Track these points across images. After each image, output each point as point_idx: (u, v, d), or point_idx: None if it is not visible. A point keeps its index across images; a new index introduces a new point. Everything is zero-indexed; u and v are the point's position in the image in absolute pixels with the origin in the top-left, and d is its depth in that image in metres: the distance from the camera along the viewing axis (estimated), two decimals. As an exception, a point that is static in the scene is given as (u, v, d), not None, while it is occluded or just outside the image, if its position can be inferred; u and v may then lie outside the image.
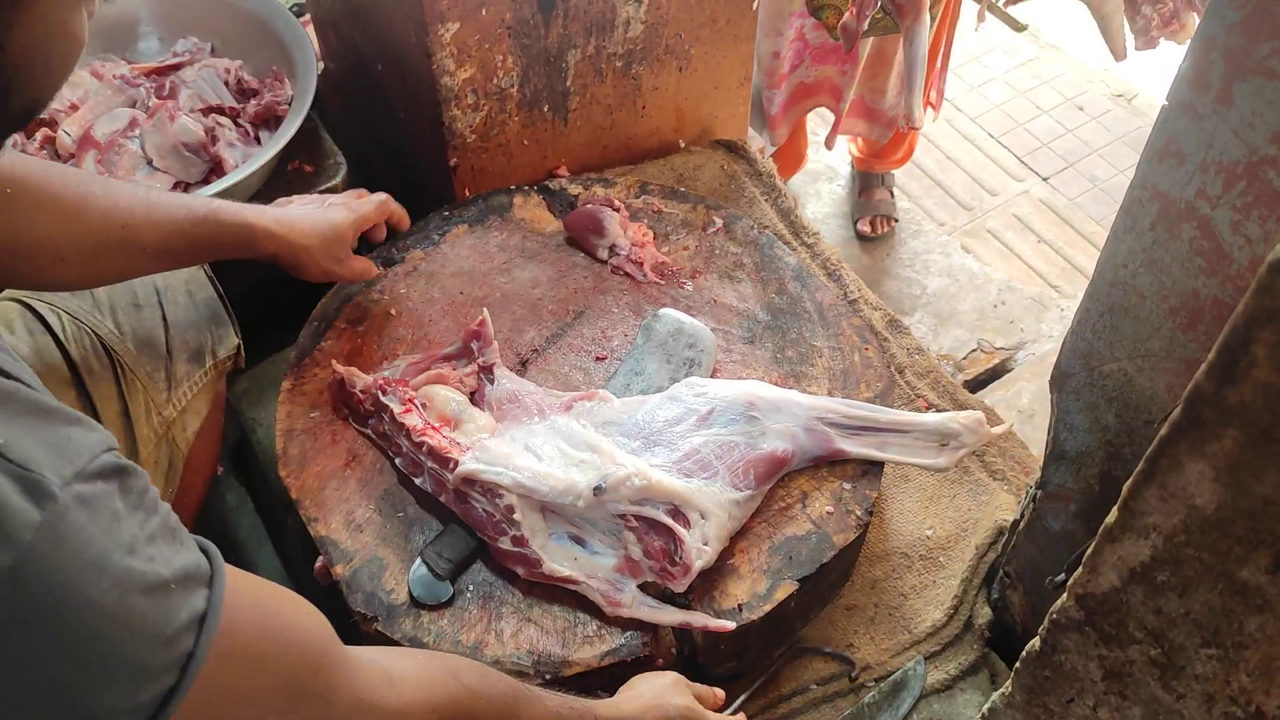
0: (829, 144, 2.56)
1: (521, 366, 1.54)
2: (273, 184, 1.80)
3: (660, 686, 1.22)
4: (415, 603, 1.29)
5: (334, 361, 1.47)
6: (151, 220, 1.18)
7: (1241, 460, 0.65)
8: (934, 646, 1.48)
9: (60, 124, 1.78)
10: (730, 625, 1.27)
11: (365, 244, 1.51)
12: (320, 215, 1.34)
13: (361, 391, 1.42)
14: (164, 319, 1.34)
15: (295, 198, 1.43)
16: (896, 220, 2.75)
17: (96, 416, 1.21)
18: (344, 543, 1.35)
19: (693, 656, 1.32)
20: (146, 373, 1.28)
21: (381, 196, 1.49)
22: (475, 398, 1.47)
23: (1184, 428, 0.67)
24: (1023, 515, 1.37)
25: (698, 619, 1.27)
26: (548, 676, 1.24)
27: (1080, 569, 0.81)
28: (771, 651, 1.46)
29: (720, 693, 1.31)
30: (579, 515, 1.32)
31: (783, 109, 2.41)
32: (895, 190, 2.79)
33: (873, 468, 1.43)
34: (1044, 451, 1.29)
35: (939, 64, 2.37)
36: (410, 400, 1.41)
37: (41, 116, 1.78)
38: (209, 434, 1.46)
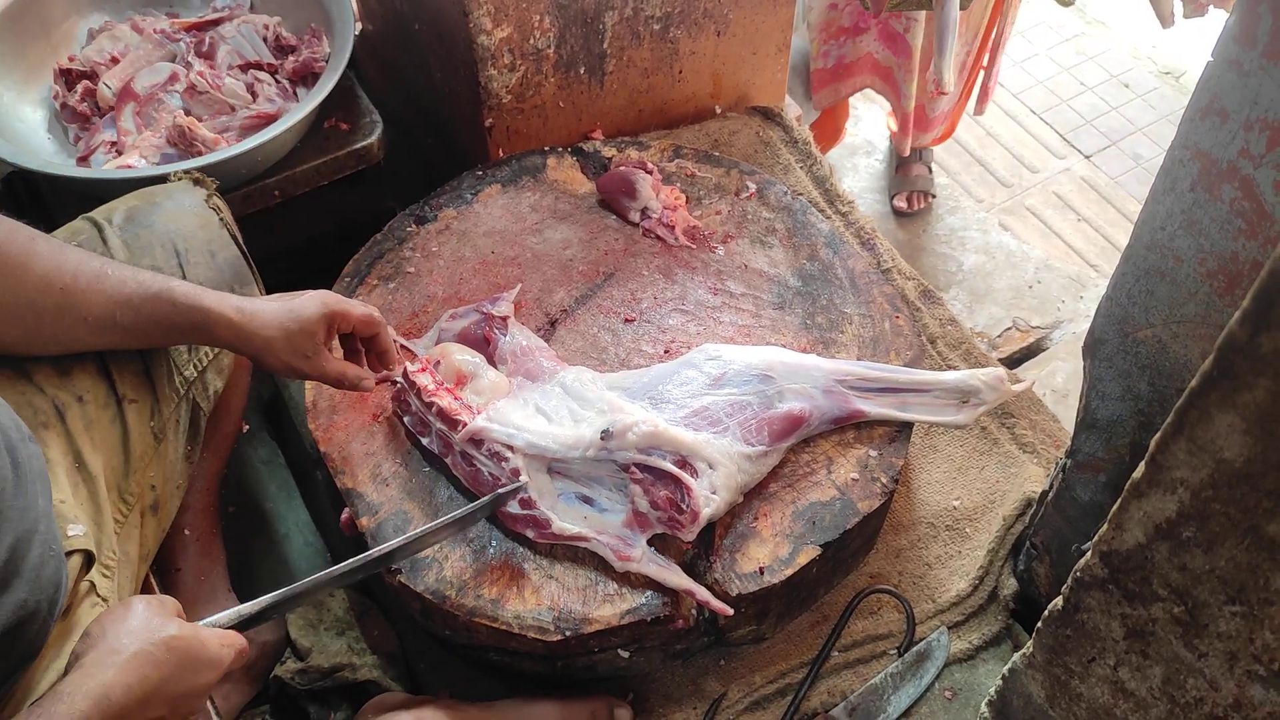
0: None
1: (550, 326, 1.54)
2: (309, 140, 1.81)
3: (133, 627, 0.93)
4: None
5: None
6: (98, 288, 1.12)
7: (1273, 411, 0.63)
8: (957, 616, 1.47)
9: (101, 76, 1.79)
10: (729, 610, 1.25)
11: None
12: (284, 306, 1.22)
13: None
14: (184, 280, 1.32)
15: (272, 295, 1.31)
16: (934, 196, 2.72)
17: (111, 378, 1.20)
18: (370, 495, 1.36)
19: (713, 618, 1.32)
20: None
21: (369, 307, 1.34)
22: (488, 351, 1.46)
23: (1215, 378, 0.65)
24: (1051, 486, 1.35)
25: (701, 593, 1.25)
26: (568, 633, 1.24)
27: (1106, 526, 0.80)
28: (793, 616, 1.46)
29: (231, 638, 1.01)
30: (586, 473, 1.32)
31: (834, 70, 2.37)
32: (933, 166, 2.75)
33: (900, 435, 1.42)
34: (1075, 420, 1.27)
35: (988, 58, 2.34)
36: (426, 359, 1.41)
37: (83, 69, 1.81)
38: (233, 393, 1.45)
